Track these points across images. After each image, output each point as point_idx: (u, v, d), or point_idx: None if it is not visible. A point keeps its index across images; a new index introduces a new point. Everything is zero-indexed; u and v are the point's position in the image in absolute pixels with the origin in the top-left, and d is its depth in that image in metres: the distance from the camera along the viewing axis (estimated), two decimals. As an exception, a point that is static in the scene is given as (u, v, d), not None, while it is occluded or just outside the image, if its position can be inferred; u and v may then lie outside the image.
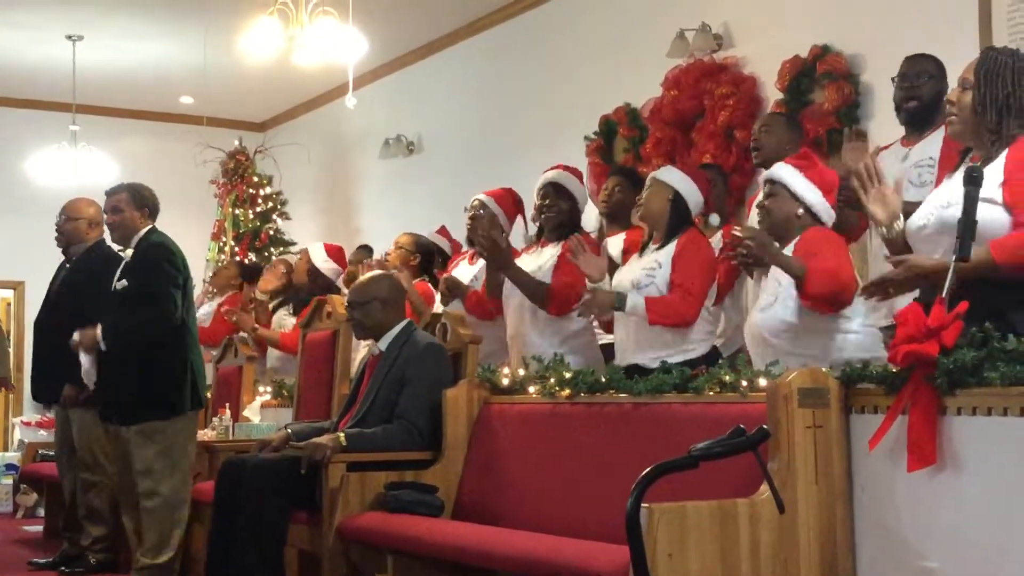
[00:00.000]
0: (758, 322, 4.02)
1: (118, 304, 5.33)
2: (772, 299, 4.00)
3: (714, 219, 5.28)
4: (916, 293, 3.39)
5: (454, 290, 5.50)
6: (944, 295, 3.04)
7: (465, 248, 6.21)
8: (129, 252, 5.48)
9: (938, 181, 3.96)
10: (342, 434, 4.53)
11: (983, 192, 3.12)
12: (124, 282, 5.34)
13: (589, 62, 7.73)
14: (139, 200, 5.49)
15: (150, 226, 5.51)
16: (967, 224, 3.06)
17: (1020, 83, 3.25)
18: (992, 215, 3.14)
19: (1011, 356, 2.94)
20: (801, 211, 4.08)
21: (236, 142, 10.95)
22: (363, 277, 5.17)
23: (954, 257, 3.05)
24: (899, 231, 3.41)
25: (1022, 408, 2.88)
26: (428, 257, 6.73)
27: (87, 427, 5.92)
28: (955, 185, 3.26)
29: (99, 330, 5.26)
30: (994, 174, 3.19)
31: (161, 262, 5.30)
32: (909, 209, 3.51)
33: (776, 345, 3.92)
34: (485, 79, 8.83)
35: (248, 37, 6.82)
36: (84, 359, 5.36)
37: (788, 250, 4.01)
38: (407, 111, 9.66)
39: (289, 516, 4.61)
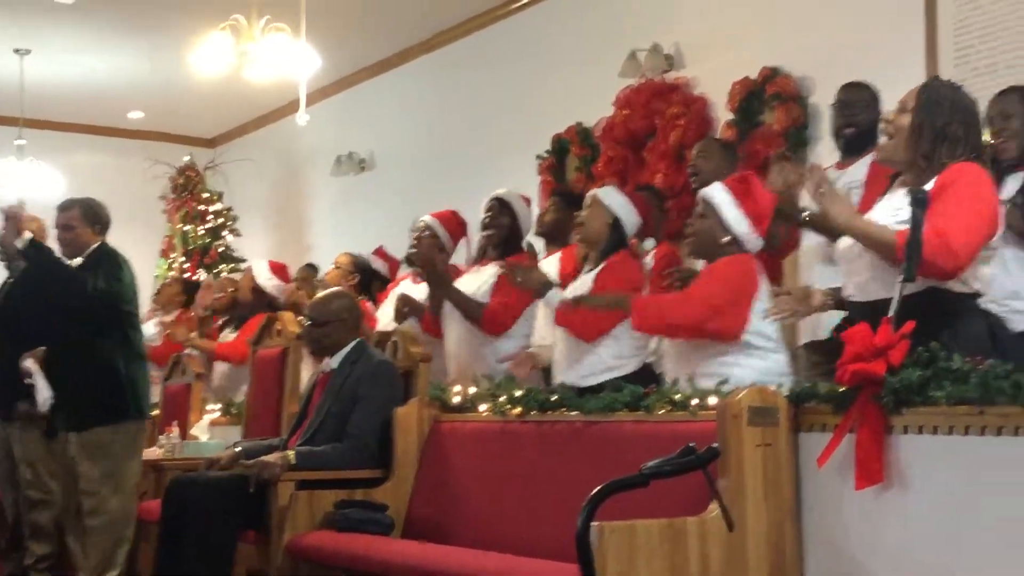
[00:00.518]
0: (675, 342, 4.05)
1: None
2: None
3: (648, 243, 5.32)
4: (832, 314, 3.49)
5: (411, 309, 5.51)
6: (891, 315, 3.08)
7: (405, 268, 6.24)
8: (77, 261, 5.38)
9: (863, 201, 4.02)
10: (291, 452, 4.50)
11: (906, 217, 3.17)
12: None
13: (541, 81, 7.76)
14: (91, 216, 5.42)
15: (100, 241, 5.44)
16: (912, 247, 3.10)
17: (956, 116, 3.34)
18: None
19: (956, 375, 2.98)
20: (727, 238, 4.09)
21: (186, 158, 10.87)
22: (322, 294, 5.17)
23: (901, 278, 3.10)
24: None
25: (967, 427, 2.92)
26: (367, 276, 6.73)
27: (30, 444, 5.83)
28: (890, 209, 3.33)
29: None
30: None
31: (108, 262, 5.25)
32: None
33: (694, 361, 3.95)
34: (438, 97, 8.83)
35: (199, 52, 6.80)
36: (39, 382, 5.28)
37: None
38: (359, 128, 9.63)
39: (237, 535, 4.56)
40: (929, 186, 3.26)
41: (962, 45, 5.31)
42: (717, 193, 4.14)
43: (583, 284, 4.65)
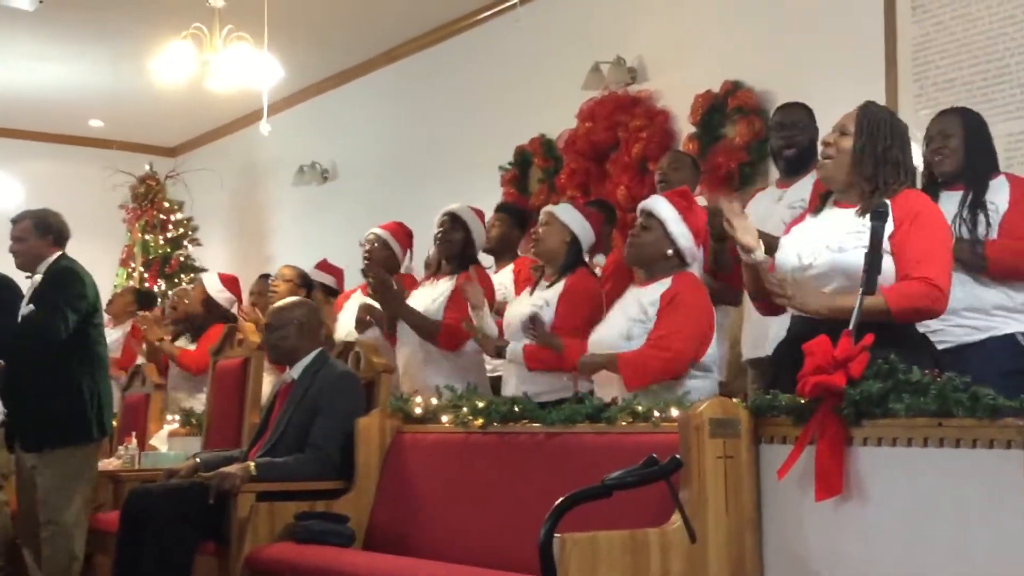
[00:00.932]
0: (622, 348, 4.04)
1: (23, 327, 5.20)
2: (642, 330, 4.03)
3: (599, 259, 5.34)
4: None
5: (373, 317, 5.52)
6: (851, 327, 3.10)
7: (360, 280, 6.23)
8: (37, 278, 5.32)
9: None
10: (252, 463, 4.47)
11: (866, 240, 3.23)
12: (31, 307, 5.20)
13: (505, 93, 7.77)
14: (43, 227, 5.33)
15: (59, 253, 5.36)
16: (873, 260, 3.15)
17: (895, 140, 3.42)
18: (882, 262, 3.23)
19: (915, 388, 3.00)
20: (671, 251, 4.12)
21: (147, 167, 10.80)
22: (281, 302, 5.15)
23: (861, 291, 3.13)
24: (763, 257, 3.54)
25: (926, 438, 2.94)
26: (309, 289, 6.74)
27: None
28: (842, 228, 3.38)
29: None
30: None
31: (68, 285, 5.18)
32: (767, 240, 3.64)
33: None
34: (401, 108, 8.83)
35: (160, 61, 6.76)
36: None
37: (657, 287, 4.07)
38: (322, 138, 9.61)
39: (195, 547, 4.52)
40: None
41: (921, 60, 5.37)
42: (663, 207, 4.16)
43: (541, 300, 4.68)
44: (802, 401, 3.20)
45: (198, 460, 4.84)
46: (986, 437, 2.82)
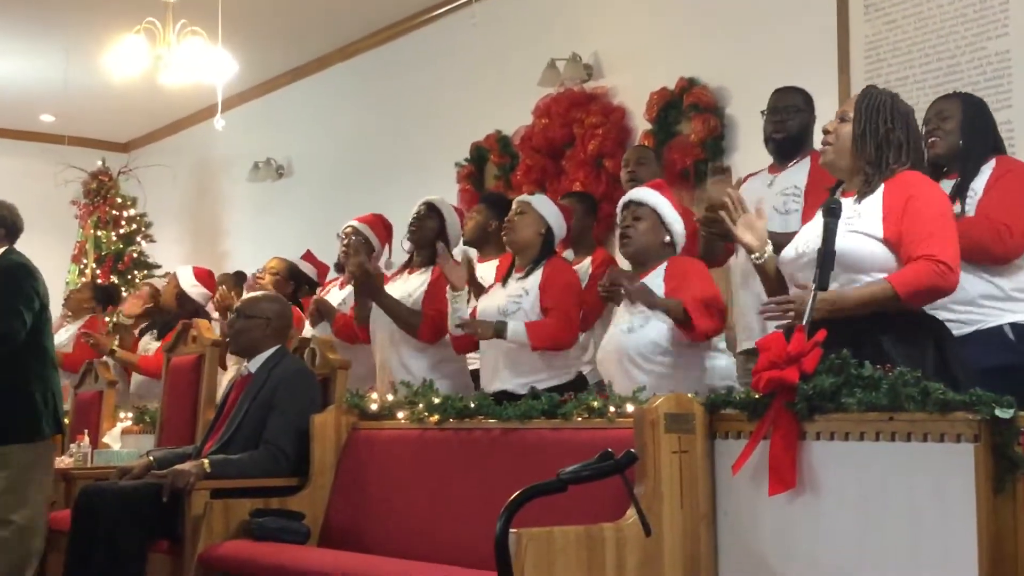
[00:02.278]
0: (625, 344, 4.06)
1: None
2: (643, 322, 4.04)
3: (568, 255, 5.34)
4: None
5: (324, 313, 5.49)
6: (804, 323, 3.12)
7: (333, 274, 6.17)
8: None
9: (806, 210, 4.06)
10: (206, 460, 4.44)
11: (862, 226, 3.24)
12: None
13: (461, 89, 7.77)
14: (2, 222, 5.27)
15: (7, 247, 5.30)
16: (826, 255, 3.17)
17: (897, 121, 3.38)
18: (871, 248, 3.24)
19: (867, 383, 3.03)
20: (667, 239, 4.17)
21: (99, 162, 10.69)
22: (257, 293, 5.12)
23: (814, 287, 3.15)
24: (769, 256, 3.50)
25: (878, 433, 2.97)
26: (298, 283, 6.67)
27: None
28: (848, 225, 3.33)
29: None
30: (873, 207, 3.29)
31: (19, 282, 5.10)
32: (777, 239, 3.61)
33: (649, 368, 3.97)
34: (356, 104, 8.80)
35: (113, 55, 6.70)
36: None
37: (654, 276, 4.09)
38: (277, 135, 9.56)
39: (148, 545, 4.49)
40: (878, 192, 3.31)
41: (874, 59, 5.43)
42: (653, 196, 4.19)
43: (520, 290, 4.66)
44: (756, 396, 3.22)
45: (151, 458, 4.80)
46: (937, 431, 2.85)
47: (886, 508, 2.93)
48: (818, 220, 3.43)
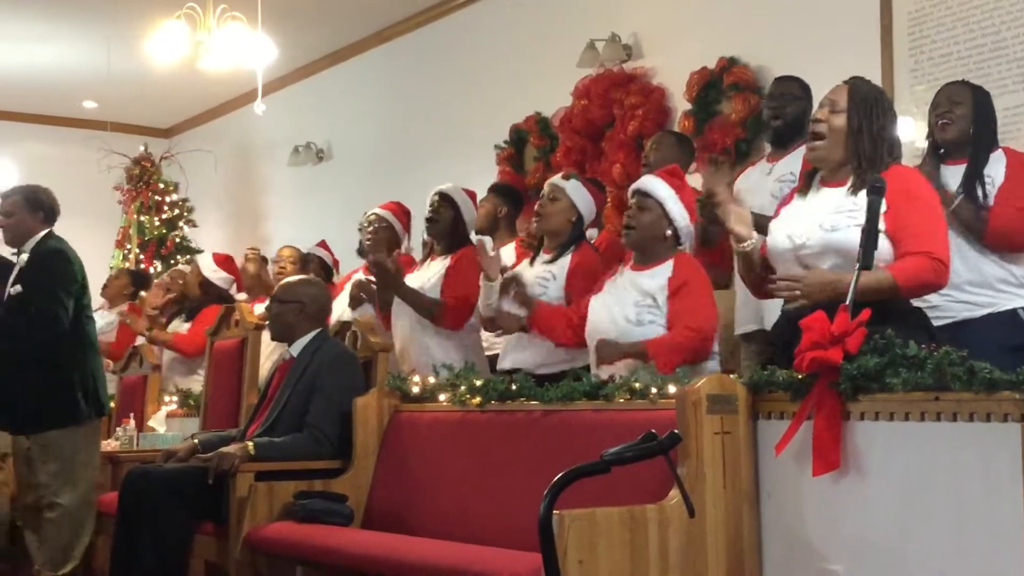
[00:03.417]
0: (629, 334, 4.03)
1: (8, 309, 5.16)
2: (652, 318, 4.02)
3: (592, 233, 5.33)
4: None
5: (366, 294, 5.52)
6: (848, 303, 3.11)
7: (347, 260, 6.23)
8: (24, 257, 5.28)
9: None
10: (251, 443, 4.48)
11: (861, 219, 3.23)
12: (18, 287, 5.17)
13: (500, 71, 7.75)
14: (34, 203, 5.29)
15: (47, 230, 5.33)
16: (871, 235, 3.16)
17: (887, 117, 3.43)
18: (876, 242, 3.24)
19: (912, 362, 3.01)
20: (669, 232, 4.13)
21: (141, 148, 10.77)
22: (294, 278, 5.16)
23: (858, 267, 3.14)
24: (755, 245, 3.55)
25: (923, 413, 2.95)
26: (320, 269, 6.78)
27: None
28: (833, 207, 3.37)
29: None
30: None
31: (58, 270, 5.15)
32: (760, 221, 3.66)
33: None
34: (396, 87, 8.80)
35: (154, 41, 6.74)
36: None
37: (658, 272, 4.08)
38: (317, 119, 9.58)
39: (194, 527, 4.53)
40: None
41: (917, 35, 5.36)
42: (660, 187, 4.16)
43: (547, 272, 4.66)
44: (799, 377, 3.20)
45: (195, 441, 4.85)
46: (983, 411, 2.83)
47: (931, 488, 2.91)
48: (799, 207, 3.48)
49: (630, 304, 4.08)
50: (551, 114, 7.20)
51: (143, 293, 8.06)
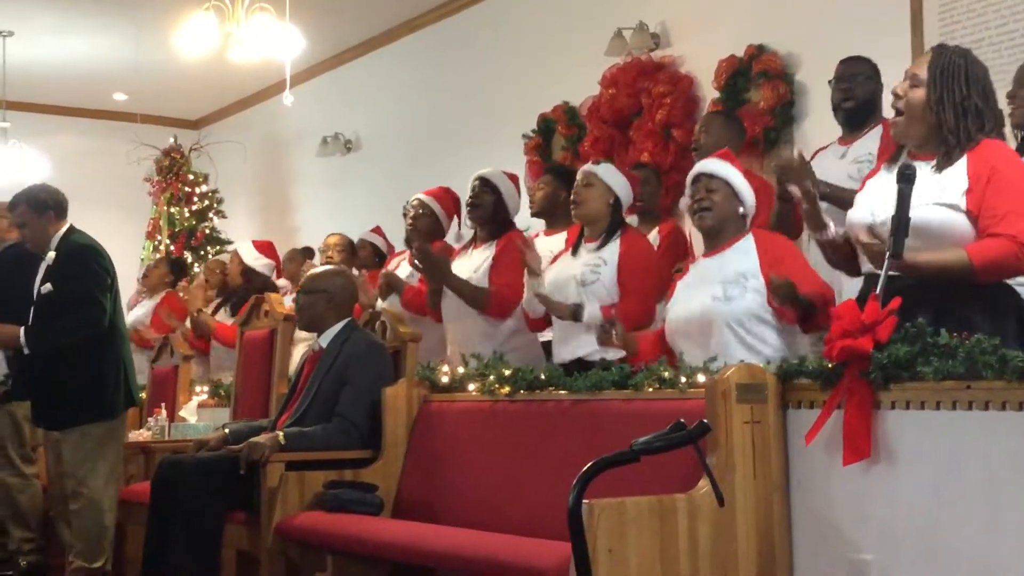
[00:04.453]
0: (721, 312, 3.86)
1: (44, 308, 5.17)
2: (739, 292, 3.86)
3: (632, 220, 5.30)
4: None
5: (393, 286, 5.51)
6: (878, 291, 3.08)
7: (399, 248, 6.18)
8: (51, 255, 5.25)
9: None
10: (281, 433, 4.50)
11: (945, 196, 3.16)
12: (49, 286, 5.18)
13: (527, 60, 7.74)
14: (37, 206, 5.25)
15: (66, 225, 5.33)
16: (900, 222, 3.11)
17: (972, 86, 3.25)
18: (954, 220, 3.17)
19: (943, 351, 2.99)
20: (741, 210, 4.06)
21: (171, 139, 10.83)
22: (318, 269, 5.17)
23: (888, 254, 3.10)
24: (832, 235, 3.47)
25: (954, 402, 2.93)
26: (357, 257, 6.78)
27: (2, 428, 5.83)
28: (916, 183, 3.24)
29: (21, 332, 5.12)
30: (956, 179, 3.19)
31: (89, 265, 5.16)
32: (842, 195, 3.53)
33: (742, 336, 3.81)
34: (423, 77, 8.81)
35: (183, 33, 6.76)
36: None
37: (739, 250, 3.96)
38: (345, 109, 9.61)
39: (226, 516, 4.57)
40: (961, 163, 3.21)
41: (948, 21, 5.32)
42: (723, 166, 4.06)
43: (598, 260, 4.60)
44: (829, 365, 3.18)
45: (227, 431, 4.88)
46: (1015, 399, 2.81)
47: (963, 477, 2.89)
48: (884, 181, 3.35)
49: (716, 284, 3.89)
50: (579, 103, 7.18)
51: (182, 282, 8.10)
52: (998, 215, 3.12)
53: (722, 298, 3.86)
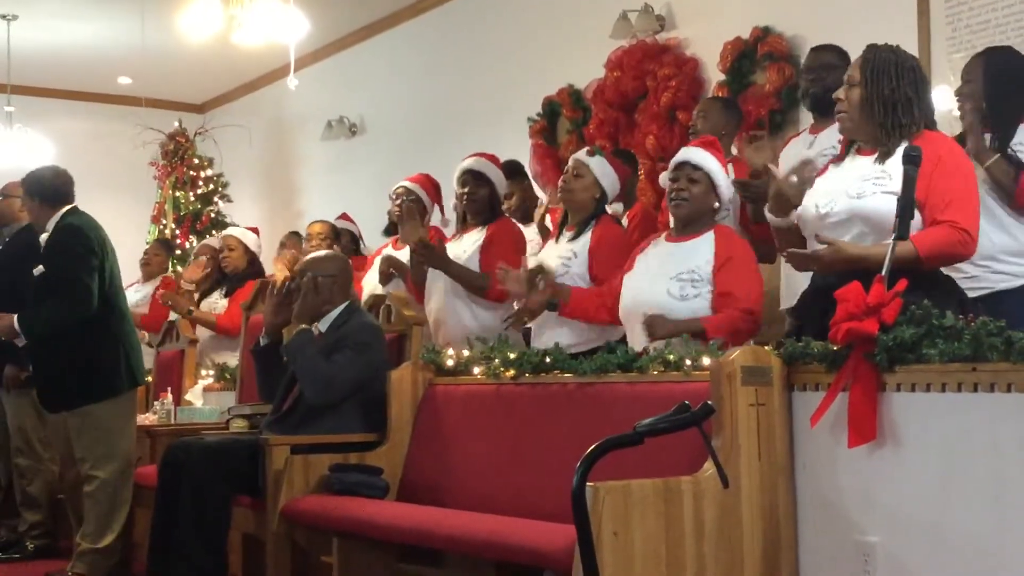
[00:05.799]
0: (674, 309, 3.99)
1: (36, 291, 5.17)
2: (695, 292, 4.00)
3: (617, 207, 5.31)
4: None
5: (396, 270, 5.52)
6: (884, 274, 3.09)
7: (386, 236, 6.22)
8: (43, 237, 5.23)
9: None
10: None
11: (893, 187, 3.23)
12: (41, 268, 5.19)
13: (532, 43, 7.72)
14: (35, 190, 5.27)
15: (66, 207, 5.31)
16: (906, 205, 3.14)
17: (903, 78, 3.40)
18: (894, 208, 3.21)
19: (949, 333, 2.99)
20: (717, 205, 4.15)
21: (176, 123, 10.82)
22: (315, 254, 5.17)
23: (893, 236, 3.12)
24: (791, 221, 3.58)
25: (960, 384, 2.93)
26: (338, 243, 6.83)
27: (20, 412, 5.84)
28: (860, 175, 3.38)
29: (15, 321, 5.12)
30: (895, 169, 3.28)
31: (72, 247, 5.13)
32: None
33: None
34: (428, 60, 8.79)
35: (188, 17, 6.74)
36: None
37: (701, 243, 4.06)
38: (349, 93, 9.59)
39: (232, 500, 4.58)
40: (898, 153, 3.29)
41: (954, 3, 5.29)
42: (709, 159, 4.14)
43: (569, 251, 4.67)
44: (834, 348, 3.19)
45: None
46: (1021, 381, 2.81)
47: (969, 459, 2.89)
48: (847, 178, 3.45)
49: (671, 279, 4.05)
50: (584, 86, 7.17)
51: (178, 268, 8.11)
52: (941, 204, 3.25)
53: (677, 296, 4.01)
